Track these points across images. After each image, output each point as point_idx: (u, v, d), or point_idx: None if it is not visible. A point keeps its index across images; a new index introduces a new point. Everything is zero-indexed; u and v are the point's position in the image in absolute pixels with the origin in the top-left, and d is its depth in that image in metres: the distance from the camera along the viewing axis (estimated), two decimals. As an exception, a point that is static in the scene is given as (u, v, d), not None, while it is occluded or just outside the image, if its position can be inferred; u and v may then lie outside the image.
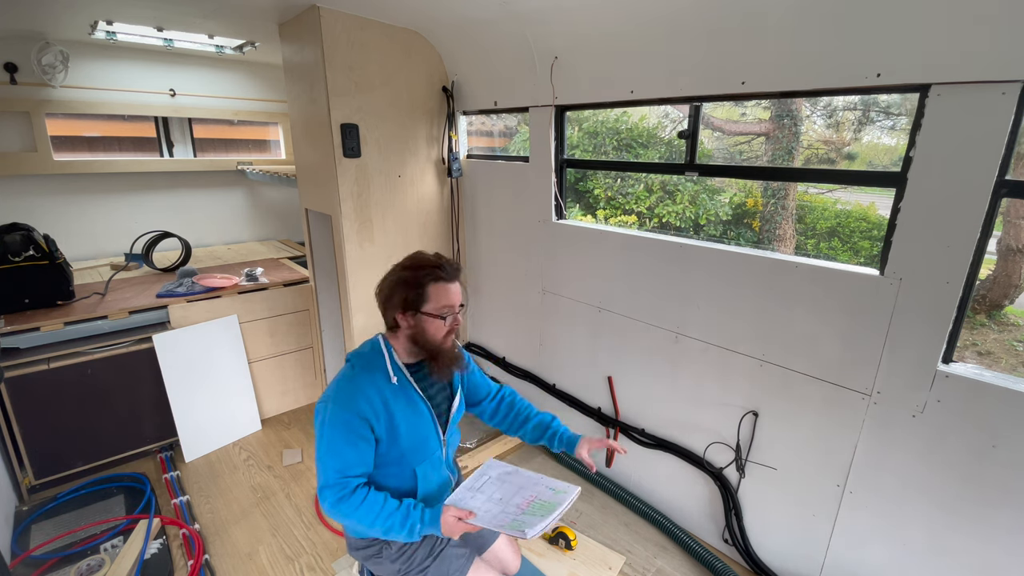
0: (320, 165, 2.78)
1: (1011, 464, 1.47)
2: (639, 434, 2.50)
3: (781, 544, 2.07)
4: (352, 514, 1.40)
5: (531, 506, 1.48)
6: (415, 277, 1.49)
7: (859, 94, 1.84)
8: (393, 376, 1.51)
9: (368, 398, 1.45)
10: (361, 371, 1.50)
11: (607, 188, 6.45)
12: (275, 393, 3.33)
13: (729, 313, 2.06)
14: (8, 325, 2.50)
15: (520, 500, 1.51)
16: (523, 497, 1.52)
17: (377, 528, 1.42)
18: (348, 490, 1.41)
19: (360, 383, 1.47)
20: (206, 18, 2.77)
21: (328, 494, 1.40)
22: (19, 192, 3.44)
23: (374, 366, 1.52)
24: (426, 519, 1.44)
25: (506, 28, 2.42)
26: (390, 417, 1.47)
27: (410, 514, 1.44)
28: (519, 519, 1.42)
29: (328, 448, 1.42)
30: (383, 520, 1.41)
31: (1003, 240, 4.98)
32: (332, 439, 1.42)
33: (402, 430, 1.49)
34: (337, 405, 1.44)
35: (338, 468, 1.41)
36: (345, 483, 1.41)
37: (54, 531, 2.31)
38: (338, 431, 1.42)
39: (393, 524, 1.42)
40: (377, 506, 1.42)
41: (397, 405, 1.49)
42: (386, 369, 1.52)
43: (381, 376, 1.50)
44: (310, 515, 2.48)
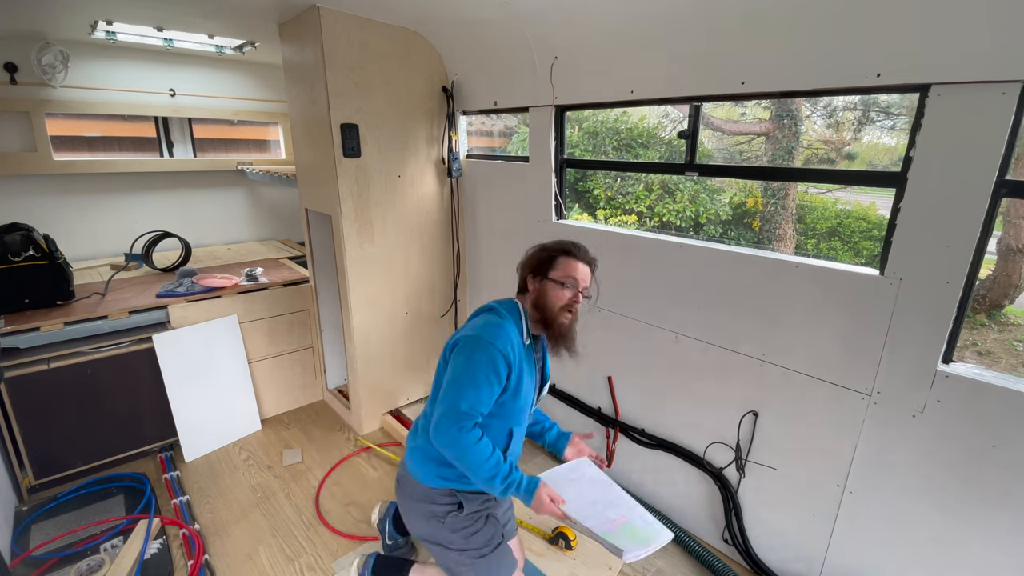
0: (320, 165, 2.78)
1: (1011, 464, 1.47)
2: (639, 434, 2.50)
3: (781, 544, 2.07)
4: (465, 449, 1.43)
5: (624, 527, 1.48)
6: (552, 248, 1.63)
7: (859, 94, 1.84)
8: (526, 338, 1.59)
9: (513, 346, 1.51)
10: (509, 323, 1.55)
11: (607, 188, 6.45)
12: (275, 393, 3.33)
13: (729, 313, 2.06)
14: (8, 325, 2.50)
15: (613, 515, 1.52)
16: (616, 513, 1.53)
17: (482, 472, 1.45)
18: (468, 425, 1.44)
19: (509, 331, 1.52)
20: (206, 18, 2.77)
21: (451, 420, 1.42)
22: (19, 192, 3.44)
23: (517, 323, 1.58)
24: (524, 484, 1.49)
25: (506, 28, 2.42)
26: (519, 371, 1.54)
27: (512, 473, 1.49)
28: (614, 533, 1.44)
29: (469, 378, 1.45)
30: (490, 467, 1.45)
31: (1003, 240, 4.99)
32: (476, 371, 1.45)
33: (522, 387, 1.56)
34: (490, 341, 1.47)
35: (472, 401, 1.44)
36: (472, 416, 1.44)
37: (54, 531, 2.31)
38: (483, 366, 1.45)
39: (497, 474, 1.46)
40: (488, 451, 1.46)
41: (525, 364, 1.57)
42: (523, 328, 1.59)
43: (519, 333, 1.57)
44: (310, 515, 2.48)
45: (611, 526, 1.46)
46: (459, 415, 1.42)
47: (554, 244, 1.65)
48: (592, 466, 1.71)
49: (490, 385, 1.46)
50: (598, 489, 1.60)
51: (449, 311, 3.42)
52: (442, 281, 3.34)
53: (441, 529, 1.63)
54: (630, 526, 1.49)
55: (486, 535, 1.63)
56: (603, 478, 1.66)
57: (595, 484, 1.62)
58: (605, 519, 1.49)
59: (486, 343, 1.47)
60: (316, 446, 3.02)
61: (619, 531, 1.45)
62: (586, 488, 1.60)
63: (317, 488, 2.66)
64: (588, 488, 1.60)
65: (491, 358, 1.46)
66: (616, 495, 1.60)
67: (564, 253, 1.62)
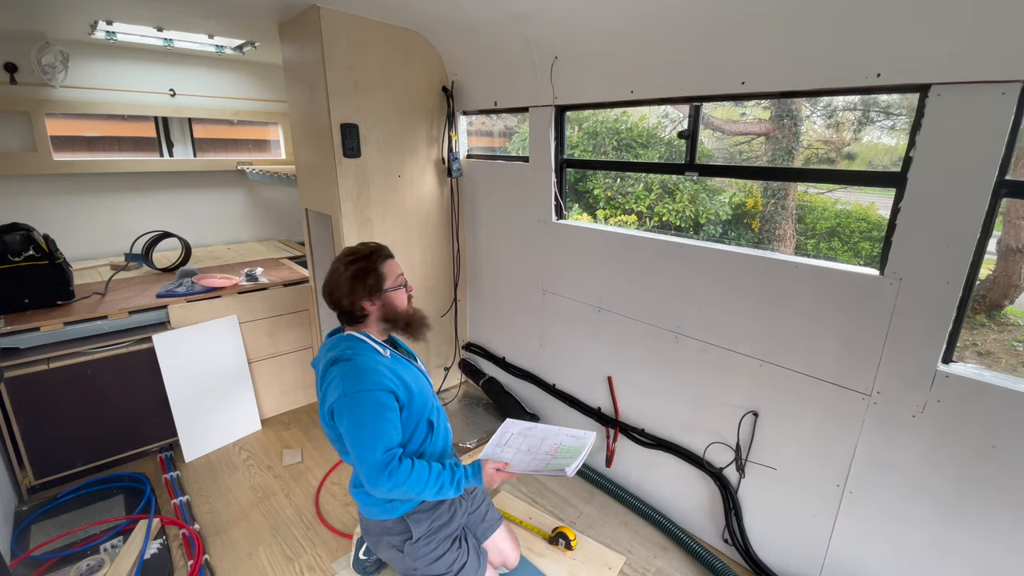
0: (320, 165, 2.78)
1: (1011, 464, 1.47)
2: (639, 434, 2.50)
3: (781, 544, 2.07)
4: (406, 482, 1.47)
5: (559, 451, 1.68)
6: (368, 265, 1.61)
7: (859, 94, 1.84)
8: (385, 352, 1.62)
9: (381, 372, 1.53)
10: (362, 357, 1.56)
11: (607, 188, 6.45)
12: (275, 393, 3.33)
13: (729, 313, 2.06)
14: (8, 325, 2.50)
15: (547, 448, 1.71)
16: (549, 445, 1.72)
17: (430, 489, 1.51)
18: (396, 462, 1.47)
19: (366, 365, 1.53)
20: (206, 18, 2.77)
21: (378, 472, 1.45)
22: (19, 192, 3.44)
23: (364, 351, 1.59)
24: (469, 473, 1.58)
25: (506, 28, 2.42)
26: (403, 381, 1.58)
27: (455, 471, 1.57)
28: (553, 463, 1.62)
29: (367, 431, 1.47)
30: (435, 481, 1.52)
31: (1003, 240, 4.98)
32: (365, 421, 1.47)
33: (413, 389, 1.62)
34: (360, 390, 1.49)
35: (382, 445, 1.47)
36: (391, 456, 1.47)
37: (54, 531, 2.31)
38: (368, 412, 1.48)
39: (444, 482, 1.53)
40: (425, 470, 1.51)
41: (401, 371, 1.61)
42: (374, 350, 1.61)
43: (376, 354, 1.60)
44: (310, 515, 2.48)
45: (549, 458, 1.66)
46: (380, 464, 1.45)
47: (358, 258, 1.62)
48: (515, 422, 1.84)
49: (388, 421, 1.49)
50: (529, 437, 1.78)
51: (449, 311, 3.42)
52: (442, 281, 3.34)
53: (403, 559, 1.69)
54: (564, 447, 1.70)
55: (448, 559, 1.68)
56: (527, 425, 1.84)
57: (524, 435, 1.80)
58: (543, 455, 1.68)
59: (357, 393, 1.47)
60: (316, 446, 3.02)
61: (556, 458, 1.65)
62: (519, 442, 1.77)
63: (317, 488, 2.66)
64: (522, 440, 1.77)
65: (373, 401, 1.48)
66: (543, 432, 1.80)
67: (380, 259, 1.63)
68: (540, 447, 1.72)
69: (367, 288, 1.60)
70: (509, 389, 3.27)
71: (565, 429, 1.79)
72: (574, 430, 1.77)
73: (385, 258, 1.65)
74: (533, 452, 1.70)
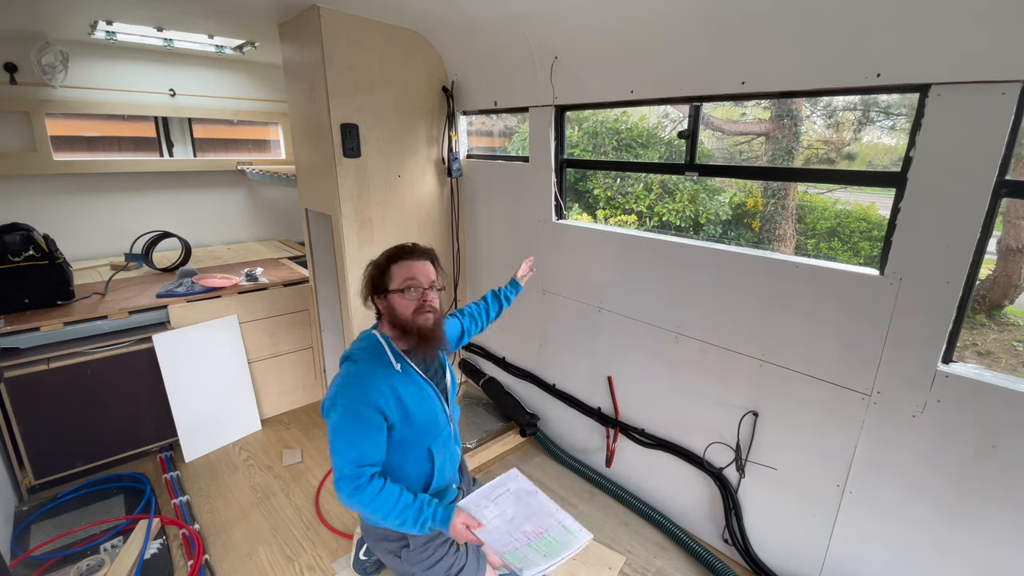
0: (320, 165, 2.78)
1: (1011, 464, 1.47)
2: (639, 434, 2.50)
3: (781, 544, 2.07)
4: (369, 504, 1.43)
5: (540, 539, 1.49)
6: (383, 262, 1.58)
7: (859, 94, 1.84)
8: (396, 363, 1.56)
9: (377, 388, 1.49)
10: (364, 364, 1.53)
11: (607, 188, 6.45)
12: (275, 393, 3.33)
13: (729, 313, 2.06)
14: (8, 325, 2.50)
15: (530, 528, 1.52)
16: (533, 526, 1.53)
17: (391, 520, 1.45)
18: (364, 480, 1.44)
19: (366, 375, 1.50)
20: (206, 18, 2.77)
21: (344, 485, 1.43)
22: (19, 192, 3.44)
23: (376, 357, 1.55)
24: (438, 517, 1.48)
25: (506, 28, 2.42)
26: (401, 402, 1.52)
27: (423, 510, 1.47)
28: (522, 551, 1.44)
29: (343, 441, 1.45)
30: (398, 512, 1.45)
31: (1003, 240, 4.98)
32: (346, 432, 1.45)
33: (414, 412, 1.54)
34: (348, 399, 1.47)
35: (353, 459, 1.44)
36: (361, 472, 1.44)
37: (54, 531, 2.31)
38: (351, 424, 1.45)
39: (407, 518, 1.46)
40: (392, 499, 1.45)
41: (406, 390, 1.54)
42: (387, 358, 1.56)
43: (386, 365, 1.54)
44: (310, 515, 2.48)
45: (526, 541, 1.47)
46: (347, 478, 1.43)
47: (381, 256, 1.61)
48: (519, 478, 1.68)
49: (367, 438, 1.45)
50: (521, 503, 1.59)
51: (449, 311, 3.41)
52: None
53: (401, 564, 1.67)
54: (546, 538, 1.49)
55: (445, 565, 1.64)
56: (528, 488, 1.64)
57: (519, 497, 1.61)
58: (521, 536, 1.48)
59: (344, 403, 1.46)
60: (316, 446, 3.02)
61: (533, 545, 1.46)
62: (509, 504, 1.58)
63: (317, 488, 2.66)
64: (511, 504, 1.58)
65: (355, 414, 1.45)
66: (538, 505, 1.59)
67: (392, 260, 1.57)
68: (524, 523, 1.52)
69: (373, 285, 1.58)
70: (509, 389, 3.27)
71: (563, 515, 1.57)
72: (572, 522, 1.55)
73: (400, 259, 1.56)
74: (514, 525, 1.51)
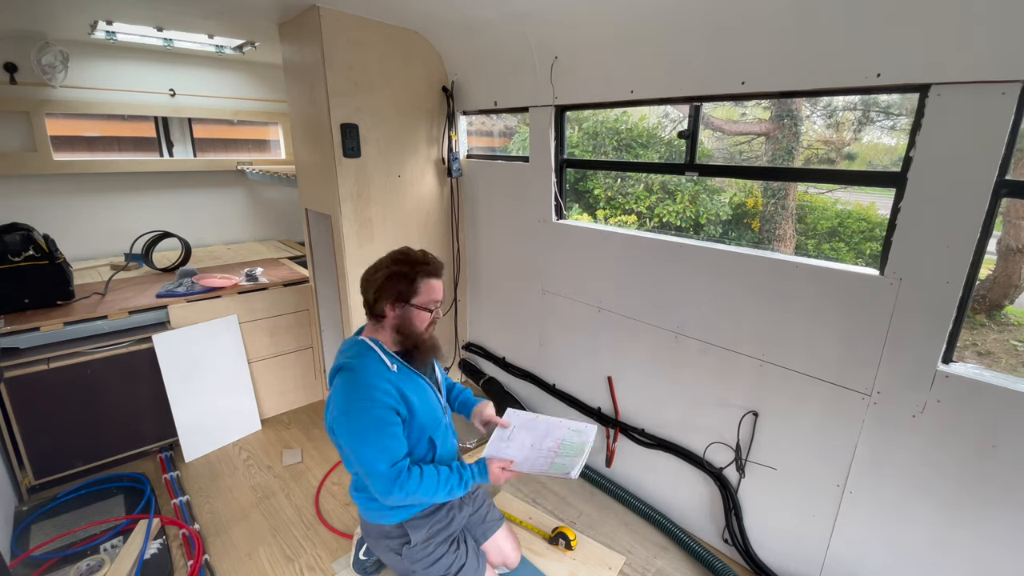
0: (320, 165, 2.78)
1: (1011, 464, 1.47)
2: (639, 434, 2.50)
3: (781, 544, 2.07)
4: (416, 491, 1.50)
5: (562, 447, 1.68)
6: (410, 272, 1.58)
7: (859, 94, 1.84)
8: (392, 365, 1.60)
9: (383, 388, 1.52)
10: (362, 371, 1.55)
11: (607, 188, 6.45)
12: (275, 393, 3.33)
13: (729, 313, 2.06)
14: (8, 325, 2.50)
15: (551, 443, 1.70)
16: (552, 440, 1.71)
17: (441, 492, 1.55)
18: (404, 474, 1.50)
19: (368, 380, 1.53)
20: (206, 18, 2.77)
21: (387, 484, 1.48)
22: (19, 192, 3.44)
23: (371, 362, 1.58)
24: (476, 473, 1.61)
25: (506, 28, 2.42)
26: (405, 398, 1.57)
27: (462, 472, 1.59)
28: (558, 462, 1.62)
29: (370, 446, 1.48)
30: (444, 484, 1.55)
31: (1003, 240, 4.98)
32: (367, 439, 1.48)
33: (417, 406, 1.60)
34: (360, 408, 1.49)
35: (387, 460, 1.48)
36: (399, 470, 1.49)
37: (54, 531, 2.31)
38: (372, 428, 1.48)
39: (453, 485, 1.56)
40: (434, 476, 1.54)
41: (406, 387, 1.59)
42: (382, 361, 1.59)
43: (382, 368, 1.58)
44: (310, 515, 2.48)
45: (553, 456, 1.65)
46: (388, 478, 1.47)
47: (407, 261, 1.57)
48: (518, 413, 1.82)
49: (392, 436, 1.50)
50: (532, 430, 1.76)
51: (449, 311, 3.42)
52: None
53: (401, 562, 1.71)
54: (567, 443, 1.69)
55: (445, 563, 1.68)
56: (530, 416, 1.81)
57: (528, 427, 1.78)
58: (547, 452, 1.66)
59: (358, 410, 1.48)
60: (316, 446, 3.02)
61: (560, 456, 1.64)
62: (523, 436, 1.75)
63: (317, 488, 2.66)
64: (526, 434, 1.75)
65: (373, 418, 1.48)
66: (546, 424, 1.78)
67: (425, 275, 1.57)
68: (543, 442, 1.71)
69: (396, 292, 1.56)
70: (509, 389, 3.27)
71: (566, 422, 1.78)
72: (574, 423, 1.78)
73: (429, 275, 1.58)
74: (537, 447, 1.69)
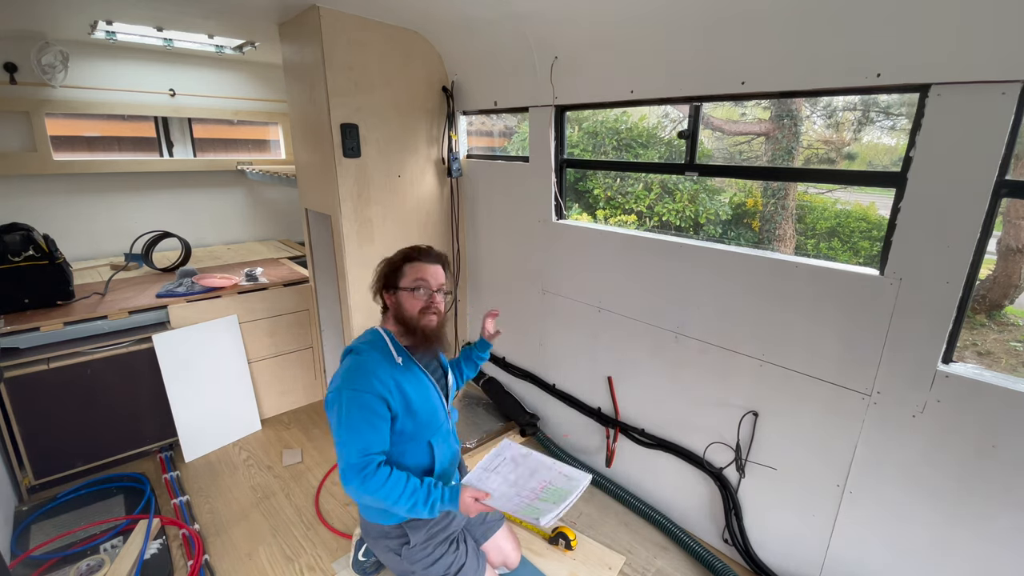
0: (320, 165, 2.78)
1: (1011, 464, 1.47)
2: (639, 434, 2.50)
3: (781, 544, 2.07)
4: (378, 491, 1.46)
5: (544, 491, 1.55)
6: (395, 259, 1.67)
7: (859, 94, 1.84)
8: (398, 357, 1.61)
9: (380, 377, 1.52)
10: (367, 355, 1.57)
11: (607, 188, 6.45)
12: (275, 393, 3.33)
13: (729, 313, 2.06)
14: (8, 325, 2.50)
15: (535, 484, 1.58)
16: (537, 481, 1.60)
17: (401, 505, 1.48)
18: (372, 468, 1.46)
19: (370, 366, 1.54)
20: (206, 18, 2.77)
21: (352, 474, 1.46)
22: (19, 192, 3.44)
23: (378, 350, 1.59)
24: (446, 497, 1.52)
25: (506, 28, 2.42)
26: (403, 393, 1.56)
27: (431, 492, 1.51)
28: (533, 505, 1.50)
29: (348, 430, 1.47)
30: (407, 497, 1.48)
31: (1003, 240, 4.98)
32: (351, 421, 1.48)
33: (416, 404, 1.59)
34: (352, 389, 1.50)
35: (360, 448, 1.47)
36: (368, 461, 1.46)
37: (54, 531, 2.31)
38: (356, 413, 1.48)
39: (417, 501, 1.49)
40: (401, 484, 1.48)
41: (407, 383, 1.58)
42: (390, 352, 1.60)
43: (387, 358, 1.59)
44: (310, 515, 2.48)
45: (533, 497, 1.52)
46: (354, 467, 1.46)
47: (397, 254, 1.69)
48: (512, 445, 1.75)
49: (373, 427, 1.49)
50: (520, 466, 1.66)
51: (449, 311, 3.41)
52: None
53: (401, 563, 1.69)
54: (551, 488, 1.56)
55: (444, 564, 1.67)
56: (523, 451, 1.71)
57: (517, 462, 1.68)
58: (528, 493, 1.55)
59: (349, 392, 1.49)
60: (316, 446, 3.02)
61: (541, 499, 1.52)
62: (509, 470, 1.65)
63: (317, 488, 2.66)
64: (511, 469, 1.65)
65: (360, 403, 1.48)
66: (536, 463, 1.67)
67: (406, 260, 1.65)
68: (528, 482, 1.59)
69: (385, 278, 1.66)
70: (509, 389, 3.27)
71: (560, 466, 1.65)
72: (569, 469, 1.63)
73: (413, 260, 1.66)
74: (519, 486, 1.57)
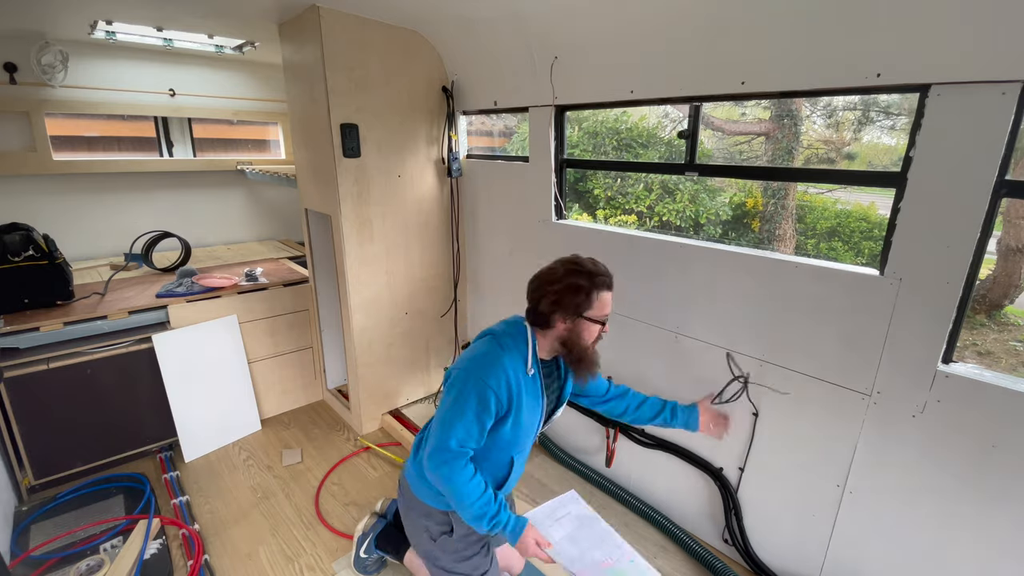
0: (320, 165, 2.78)
1: (1011, 464, 1.47)
2: (639, 434, 2.50)
3: (781, 544, 2.07)
4: (457, 484, 1.44)
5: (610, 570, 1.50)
6: (588, 285, 1.51)
7: (859, 94, 1.84)
8: (531, 368, 1.55)
9: (508, 379, 1.48)
10: (507, 352, 1.52)
11: (607, 188, 6.45)
12: (275, 393, 3.33)
13: (729, 313, 2.06)
14: (8, 325, 2.50)
15: (599, 556, 1.53)
16: (602, 554, 1.54)
17: (468, 508, 1.46)
18: (463, 460, 1.45)
19: (505, 363, 1.49)
20: (206, 18, 2.77)
21: (444, 456, 1.44)
22: (19, 192, 3.44)
23: (518, 352, 1.54)
24: (510, 526, 1.49)
25: (506, 28, 2.42)
26: (519, 404, 1.52)
27: (501, 513, 1.49)
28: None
29: (459, 415, 1.45)
30: (480, 505, 1.46)
31: (1003, 240, 4.98)
32: (465, 408, 1.45)
33: (522, 418, 1.54)
34: (480, 377, 1.46)
35: (461, 436, 1.44)
36: (463, 452, 1.45)
37: (54, 531, 2.31)
38: (474, 403, 1.45)
39: (486, 513, 1.47)
40: (480, 489, 1.46)
41: (526, 395, 1.54)
42: (527, 359, 1.55)
43: (522, 363, 1.53)
44: (310, 515, 2.48)
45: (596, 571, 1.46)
46: (448, 452, 1.44)
47: (587, 272, 1.53)
48: (580, 502, 1.70)
49: (480, 422, 1.46)
50: (585, 528, 1.60)
51: (449, 311, 3.42)
52: (442, 281, 3.34)
53: (433, 547, 1.67)
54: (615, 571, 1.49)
55: (474, 563, 1.65)
56: (590, 514, 1.66)
57: (582, 521, 1.62)
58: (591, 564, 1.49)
59: (476, 379, 1.45)
60: (316, 446, 3.02)
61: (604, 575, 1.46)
62: (574, 527, 1.59)
63: (317, 488, 2.66)
64: (576, 527, 1.59)
65: (481, 396, 1.44)
66: (603, 532, 1.60)
67: (602, 287, 1.52)
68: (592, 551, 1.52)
69: (571, 304, 1.50)
70: (509, 389, 3.27)
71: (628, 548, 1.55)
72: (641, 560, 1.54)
73: (606, 288, 1.54)
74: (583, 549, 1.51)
